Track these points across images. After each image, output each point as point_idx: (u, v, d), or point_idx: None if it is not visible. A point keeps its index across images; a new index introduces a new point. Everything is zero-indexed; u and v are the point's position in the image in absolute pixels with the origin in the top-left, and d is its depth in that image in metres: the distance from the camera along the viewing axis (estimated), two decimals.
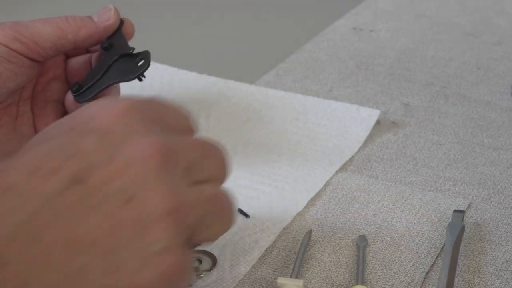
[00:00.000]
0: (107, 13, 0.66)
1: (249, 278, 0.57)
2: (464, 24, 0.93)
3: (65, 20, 0.64)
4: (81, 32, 0.64)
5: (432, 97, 0.79)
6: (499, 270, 0.58)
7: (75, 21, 0.65)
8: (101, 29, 0.65)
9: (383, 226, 0.62)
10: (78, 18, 0.65)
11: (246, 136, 0.72)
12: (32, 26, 0.63)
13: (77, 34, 0.64)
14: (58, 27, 0.64)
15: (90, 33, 0.65)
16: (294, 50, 0.88)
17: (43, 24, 0.63)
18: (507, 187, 0.66)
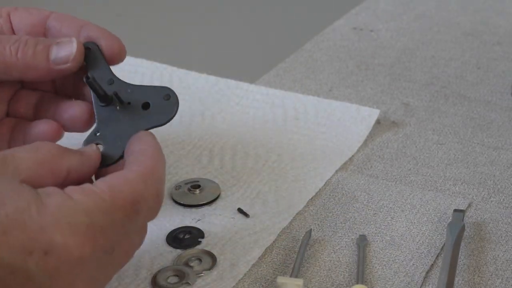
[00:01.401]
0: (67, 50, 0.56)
1: (249, 278, 0.57)
2: (464, 24, 0.93)
3: (14, 54, 0.56)
4: (29, 72, 0.56)
5: (432, 97, 0.79)
6: (499, 269, 0.58)
7: (25, 57, 0.56)
8: (55, 72, 0.57)
9: (383, 226, 0.62)
10: (30, 53, 0.56)
11: (246, 135, 0.72)
12: None
13: (24, 74, 0.57)
14: (4, 62, 0.56)
15: (40, 76, 0.57)
16: (294, 50, 0.88)
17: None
18: (507, 186, 0.66)
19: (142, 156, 0.52)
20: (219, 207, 0.64)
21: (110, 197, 0.47)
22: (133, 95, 0.56)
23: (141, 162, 0.51)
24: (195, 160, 0.69)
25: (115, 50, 0.58)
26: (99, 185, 0.48)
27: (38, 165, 0.48)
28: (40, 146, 0.50)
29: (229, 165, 0.68)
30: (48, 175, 0.49)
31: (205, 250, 0.59)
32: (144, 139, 0.54)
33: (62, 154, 0.50)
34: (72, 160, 0.51)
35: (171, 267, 0.57)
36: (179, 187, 0.65)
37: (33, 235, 0.45)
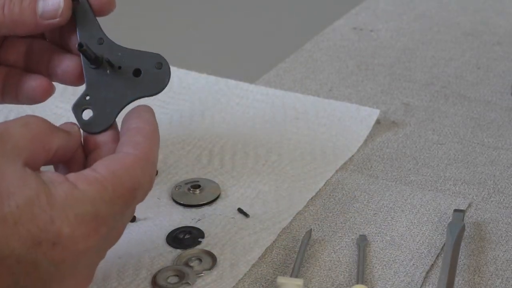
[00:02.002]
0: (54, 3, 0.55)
1: (249, 278, 0.57)
2: (464, 24, 0.93)
3: (0, 11, 0.55)
4: (17, 29, 0.56)
5: (432, 97, 0.79)
6: (499, 269, 0.58)
7: (11, 13, 0.55)
8: (43, 27, 0.56)
9: (383, 226, 0.62)
10: (17, 9, 0.55)
11: (246, 135, 0.72)
12: None
13: (12, 30, 0.56)
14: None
15: (28, 31, 0.56)
16: (294, 50, 0.87)
17: None
18: (507, 186, 0.66)
19: (139, 135, 0.52)
20: (219, 207, 0.64)
21: (111, 185, 0.48)
22: (123, 59, 0.55)
23: (138, 145, 0.51)
24: (195, 160, 0.69)
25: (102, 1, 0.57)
26: (100, 171, 0.49)
27: (31, 142, 0.48)
28: (30, 121, 0.49)
29: (229, 165, 0.68)
30: (40, 152, 0.49)
31: (205, 250, 0.59)
32: (143, 115, 0.53)
33: (52, 131, 0.50)
34: (60, 137, 0.51)
35: (171, 267, 0.57)
36: (179, 187, 0.65)
37: (42, 226, 0.45)
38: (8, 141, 0.47)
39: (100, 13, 0.57)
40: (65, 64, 0.58)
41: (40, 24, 0.55)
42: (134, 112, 0.54)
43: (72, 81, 0.58)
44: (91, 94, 0.55)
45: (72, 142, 0.52)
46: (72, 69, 0.57)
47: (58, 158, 0.51)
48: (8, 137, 0.47)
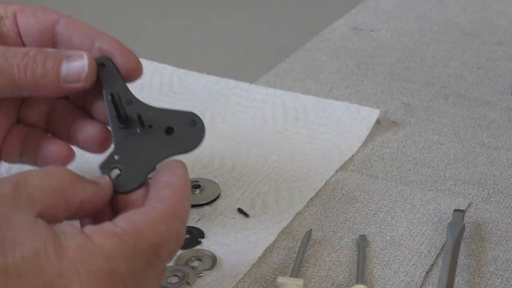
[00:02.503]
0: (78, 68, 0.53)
1: (249, 278, 0.57)
2: (464, 24, 0.93)
3: (23, 74, 0.52)
4: (40, 91, 0.53)
5: (432, 97, 0.79)
6: (499, 269, 0.58)
7: (34, 76, 0.52)
8: (66, 90, 0.53)
9: (383, 226, 0.62)
10: (40, 71, 0.52)
11: (246, 135, 0.72)
12: None
13: (34, 92, 0.53)
14: (13, 81, 0.52)
15: (51, 94, 0.54)
16: (294, 50, 0.88)
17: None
18: (507, 186, 0.66)
19: (167, 190, 0.48)
20: (219, 207, 0.64)
21: (132, 240, 0.44)
22: (155, 118, 0.53)
23: (166, 199, 0.47)
24: (195, 160, 0.69)
25: (131, 66, 0.55)
26: (121, 224, 0.45)
27: (51, 193, 0.45)
28: (53, 172, 0.46)
29: (229, 165, 0.68)
30: (61, 205, 0.45)
31: (205, 250, 0.59)
32: (174, 170, 0.50)
33: (76, 182, 0.47)
34: (86, 190, 0.47)
35: (171, 267, 0.57)
36: None
37: (49, 281, 0.42)
38: (23, 191, 0.44)
39: (126, 79, 0.55)
40: (87, 131, 0.56)
41: (62, 87, 0.53)
42: (165, 166, 0.51)
43: (94, 149, 0.56)
44: (120, 153, 0.52)
45: (100, 195, 0.49)
46: (94, 136, 0.56)
47: (84, 211, 0.48)
48: (25, 186, 0.44)
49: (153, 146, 0.52)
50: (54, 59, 0.53)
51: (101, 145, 0.56)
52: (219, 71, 0.81)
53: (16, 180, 0.44)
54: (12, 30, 0.57)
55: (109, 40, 0.55)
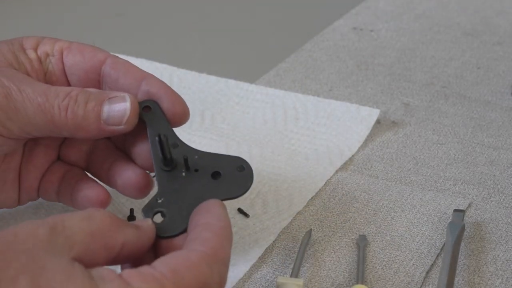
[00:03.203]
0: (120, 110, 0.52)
1: (249, 278, 0.57)
2: (464, 24, 0.93)
3: (64, 114, 0.51)
4: (79, 133, 0.52)
5: (432, 97, 0.79)
6: (499, 269, 0.58)
7: (75, 117, 0.51)
8: (106, 133, 0.52)
9: (383, 226, 0.62)
10: (81, 112, 0.51)
11: (246, 135, 0.72)
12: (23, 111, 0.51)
13: (74, 133, 0.53)
14: (53, 121, 0.52)
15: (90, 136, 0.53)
16: (294, 50, 0.88)
17: (35, 113, 0.51)
18: (507, 186, 0.66)
19: (207, 232, 0.46)
20: None
21: (172, 284, 0.42)
22: (201, 162, 0.52)
23: (206, 241, 0.46)
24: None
25: (177, 111, 0.54)
26: (160, 268, 0.43)
27: (91, 237, 0.43)
28: (94, 215, 0.44)
29: None
30: (101, 250, 0.44)
31: None
32: (213, 211, 0.48)
33: (117, 226, 0.45)
34: (127, 234, 0.45)
35: None
36: None
37: None
38: (60, 234, 0.42)
39: (173, 123, 0.54)
40: (126, 175, 0.55)
41: (103, 129, 0.52)
42: (203, 207, 0.49)
43: (132, 194, 0.55)
44: (164, 197, 0.51)
45: (142, 239, 0.47)
46: (133, 181, 0.55)
47: (125, 256, 0.46)
48: (62, 229, 0.43)
49: (199, 190, 0.51)
50: (96, 100, 0.52)
51: (140, 190, 0.55)
52: (219, 71, 0.81)
53: (53, 222, 0.43)
54: (58, 68, 0.56)
55: (157, 82, 0.55)
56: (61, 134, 0.53)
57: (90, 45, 0.57)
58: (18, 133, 0.52)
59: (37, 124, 0.52)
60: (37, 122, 0.52)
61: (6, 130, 0.52)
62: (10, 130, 0.52)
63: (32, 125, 0.52)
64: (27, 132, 0.52)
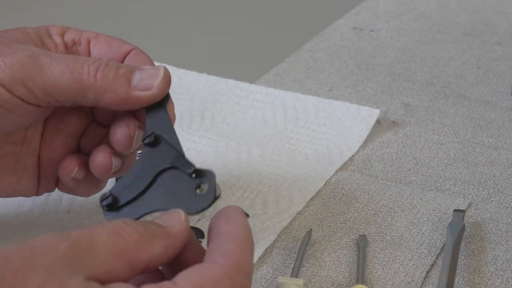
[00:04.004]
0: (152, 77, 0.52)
1: None
2: (464, 24, 0.93)
3: (93, 75, 0.51)
4: (106, 96, 0.51)
5: (432, 97, 0.79)
6: (499, 269, 0.58)
7: (105, 78, 0.51)
8: (134, 99, 0.51)
9: (383, 226, 0.62)
10: (112, 75, 0.51)
11: (246, 135, 0.72)
12: (48, 71, 0.50)
13: (100, 97, 0.51)
14: (80, 81, 0.51)
15: (117, 101, 0.51)
16: (294, 50, 0.88)
17: (62, 73, 0.50)
18: (507, 186, 0.66)
19: (229, 242, 0.44)
20: (219, 207, 0.63)
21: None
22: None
23: (228, 253, 0.44)
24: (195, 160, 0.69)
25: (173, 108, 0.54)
26: (181, 283, 0.41)
27: (116, 256, 0.41)
28: (122, 231, 0.42)
29: (229, 165, 0.68)
30: (125, 268, 0.42)
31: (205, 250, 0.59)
32: (233, 218, 0.46)
33: (146, 242, 0.43)
34: (155, 250, 0.43)
35: None
36: None
37: None
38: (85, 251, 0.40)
39: None
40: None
41: (131, 94, 0.51)
42: (223, 214, 0.47)
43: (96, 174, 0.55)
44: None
45: (172, 249, 0.44)
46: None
47: (149, 269, 0.44)
48: (88, 245, 0.40)
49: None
50: (127, 67, 0.52)
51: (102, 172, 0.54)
52: (219, 71, 0.81)
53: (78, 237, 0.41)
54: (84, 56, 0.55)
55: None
56: (86, 97, 0.51)
57: (117, 38, 0.57)
58: (41, 97, 0.51)
59: (62, 85, 0.50)
60: (63, 82, 0.50)
61: (29, 93, 0.50)
62: (32, 92, 0.50)
63: (57, 86, 0.50)
64: (51, 95, 0.51)
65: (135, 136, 0.53)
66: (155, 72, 0.52)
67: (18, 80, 0.50)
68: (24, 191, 0.57)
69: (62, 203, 0.63)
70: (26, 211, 0.62)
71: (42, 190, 0.58)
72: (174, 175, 0.50)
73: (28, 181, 0.57)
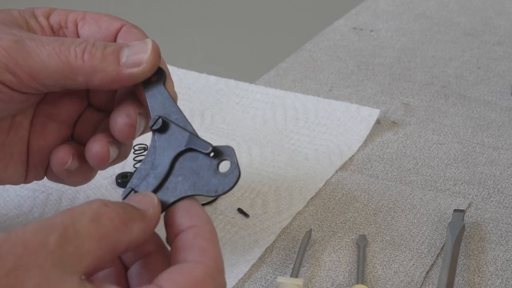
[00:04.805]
0: (140, 52, 0.50)
1: (249, 278, 0.57)
2: (464, 24, 0.93)
3: (80, 56, 0.49)
4: (96, 76, 0.49)
5: (432, 97, 0.79)
6: (499, 269, 0.58)
7: (92, 59, 0.49)
8: (125, 77, 0.50)
9: (383, 226, 0.62)
10: (99, 55, 0.49)
11: (246, 135, 0.72)
12: (35, 55, 0.49)
13: (90, 78, 0.49)
14: (68, 64, 0.49)
15: (107, 81, 0.49)
16: (294, 50, 0.88)
17: (49, 56, 0.49)
18: (507, 186, 0.66)
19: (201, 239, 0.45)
20: (219, 207, 0.64)
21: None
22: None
23: (204, 251, 0.44)
24: None
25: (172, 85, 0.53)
26: (165, 286, 0.42)
27: (98, 244, 0.41)
28: (102, 215, 0.42)
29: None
30: (107, 254, 0.42)
31: None
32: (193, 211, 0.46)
33: (125, 225, 0.43)
34: (134, 232, 0.43)
35: None
36: None
37: None
38: (71, 242, 0.40)
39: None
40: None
41: (121, 72, 0.49)
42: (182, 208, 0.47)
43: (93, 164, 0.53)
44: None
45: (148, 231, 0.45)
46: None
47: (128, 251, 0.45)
48: (73, 235, 0.40)
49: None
50: (115, 45, 0.50)
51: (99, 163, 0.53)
52: (219, 71, 0.81)
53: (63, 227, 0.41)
54: None
55: None
56: (76, 80, 0.49)
57: (106, 14, 0.55)
58: (28, 82, 0.49)
59: (50, 69, 0.49)
60: (51, 65, 0.49)
61: (15, 79, 0.49)
62: (19, 78, 0.49)
63: (44, 71, 0.49)
64: (38, 80, 0.49)
65: (137, 124, 0.52)
66: (143, 47, 0.50)
67: (3, 66, 0.48)
68: (10, 179, 0.56)
69: (62, 203, 0.63)
70: (26, 211, 0.62)
71: (30, 178, 0.56)
72: (192, 158, 0.47)
73: (15, 169, 0.55)
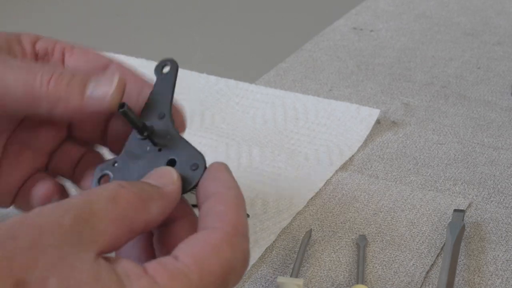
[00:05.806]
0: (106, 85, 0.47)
1: (249, 278, 0.57)
2: (464, 24, 0.93)
3: (45, 84, 0.47)
4: (58, 107, 0.47)
5: (432, 97, 0.79)
6: (499, 269, 0.58)
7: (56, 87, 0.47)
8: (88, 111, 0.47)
9: (383, 226, 0.62)
10: (64, 84, 0.47)
11: (246, 135, 0.72)
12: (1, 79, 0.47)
13: (52, 107, 0.47)
14: (32, 91, 0.47)
15: (70, 111, 0.48)
16: (294, 50, 0.88)
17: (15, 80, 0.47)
18: (507, 186, 0.66)
19: (220, 204, 0.43)
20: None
21: (198, 275, 0.40)
22: (167, 143, 0.49)
23: (222, 215, 0.43)
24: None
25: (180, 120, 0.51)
26: (183, 259, 0.41)
27: (116, 223, 0.41)
28: (119, 195, 0.41)
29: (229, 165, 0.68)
30: (125, 234, 0.41)
31: None
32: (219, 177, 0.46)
33: (143, 204, 0.42)
34: (152, 212, 0.43)
35: None
36: None
37: None
38: (87, 222, 0.40)
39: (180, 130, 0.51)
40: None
41: (85, 105, 0.47)
42: (209, 174, 0.46)
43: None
44: (121, 163, 0.49)
45: (167, 209, 0.44)
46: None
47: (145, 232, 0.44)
48: (89, 215, 0.40)
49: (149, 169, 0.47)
50: (83, 75, 0.48)
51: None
52: (219, 71, 0.81)
53: (80, 209, 0.40)
54: None
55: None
56: (38, 109, 0.48)
57: (93, 49, 0.54)
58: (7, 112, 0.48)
59: (14, 95, 0.47)
60: (16, 92, 0.47)
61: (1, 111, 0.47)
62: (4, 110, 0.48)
63: (8, 96, 0.47)
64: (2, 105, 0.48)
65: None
66: (110, 82, 0.47)
67: None
68: None
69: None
70: None
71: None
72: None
73: None
